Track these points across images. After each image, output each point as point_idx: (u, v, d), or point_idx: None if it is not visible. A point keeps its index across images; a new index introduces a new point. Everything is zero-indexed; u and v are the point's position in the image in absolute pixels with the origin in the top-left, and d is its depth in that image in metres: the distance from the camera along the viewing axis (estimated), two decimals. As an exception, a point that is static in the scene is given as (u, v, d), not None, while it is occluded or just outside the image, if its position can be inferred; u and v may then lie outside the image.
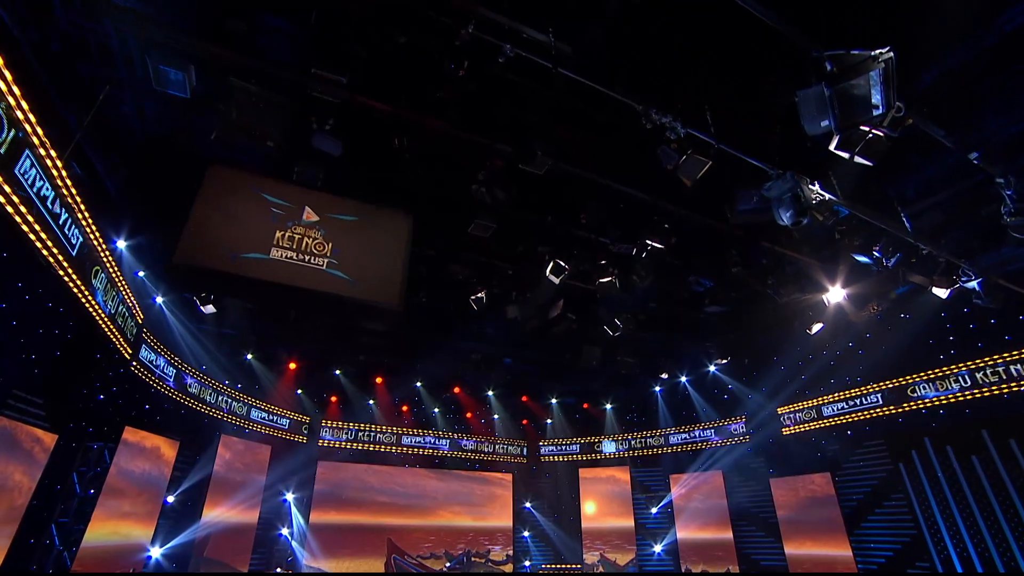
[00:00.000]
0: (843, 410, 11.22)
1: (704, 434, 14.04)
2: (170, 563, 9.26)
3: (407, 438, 14.66)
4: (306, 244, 2.92)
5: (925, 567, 9.45)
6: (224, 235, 2.68)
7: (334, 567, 12.39)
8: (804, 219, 4.81)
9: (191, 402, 10.02)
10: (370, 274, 3.02)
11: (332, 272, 2.93)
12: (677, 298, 10.54)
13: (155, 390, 9.00)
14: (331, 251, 2.98)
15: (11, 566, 6.73)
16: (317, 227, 3.02)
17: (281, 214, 2.92)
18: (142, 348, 8.54)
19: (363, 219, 3.17)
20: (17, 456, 6.04)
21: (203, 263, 2.58)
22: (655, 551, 13.74)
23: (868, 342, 11.20)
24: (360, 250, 3.05)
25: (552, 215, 7.87)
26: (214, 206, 2.73)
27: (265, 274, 2.75)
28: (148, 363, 8.62)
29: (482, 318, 10.74)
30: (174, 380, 9.53)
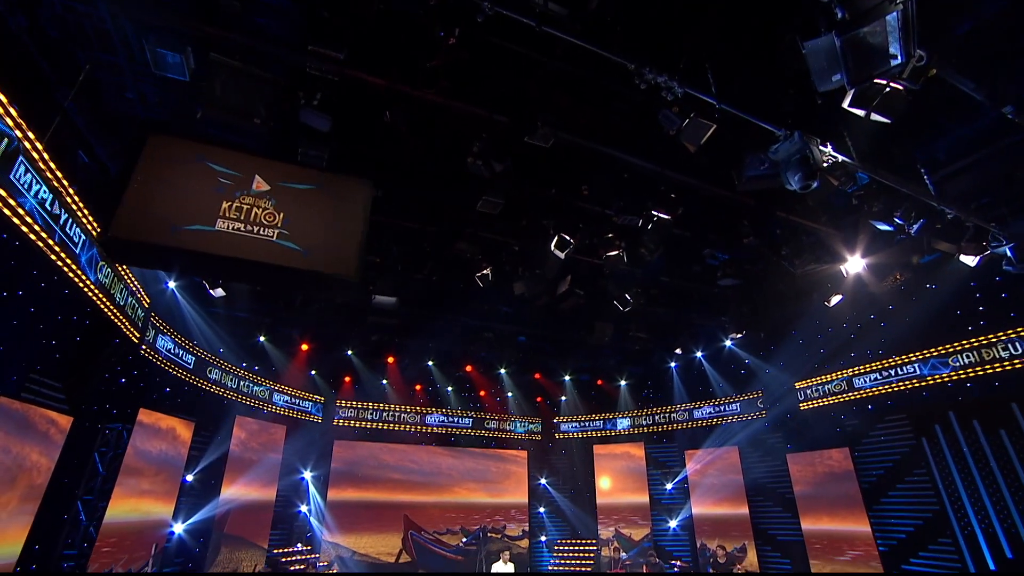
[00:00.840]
0: (864, 384, 10.89)
1: (719, 409, 13.83)
2: (192, 538, 9.56)
3: (421, 416, 14.80)
4: (255, 215, 2.79)
5: (947, 543, 9.21)
6: (165, 207, 2.57)
7: (352, 543, 12.68)
8: (814, 183, 4.51)
9: (205, 384, 10.20)
10: (324, 244, 2.88)
11: (282, 243, 2.80)
12: (689, 272, 10.26)
13: (168, 373, 9.17)
14: (282, 221, 2.84)
15: (39, 539, 7.06)
16: (268, 197, 2.89)
17: (229, 184, 2.80)
18: (155, 335, 8.69)
19: (318, 187, 3.03)
20: (33, 438, 6.19)
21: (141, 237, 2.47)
22: (670, 526, 13.72)
23: (891, 314, 10.77)
24: (314, 220, 2.91)
25: (555, 188, 7.65)
26: (154, 177, 2.62)
27: (209, 247, 2.64)
28: (158, 347, 8.76)
29: (494, 296, 10.65)
30: (186, 363, 9.69)
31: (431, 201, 8.50)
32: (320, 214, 2.93)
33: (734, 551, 12.17)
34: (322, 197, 3.01)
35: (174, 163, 2.70)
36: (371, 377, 14.13)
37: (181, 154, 2.78)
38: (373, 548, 12.89)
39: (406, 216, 8.63)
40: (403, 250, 8.94)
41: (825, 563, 10.53)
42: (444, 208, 8.59)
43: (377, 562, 12.77)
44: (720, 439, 13.36)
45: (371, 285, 10.28)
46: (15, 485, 5.99)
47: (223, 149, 2.93)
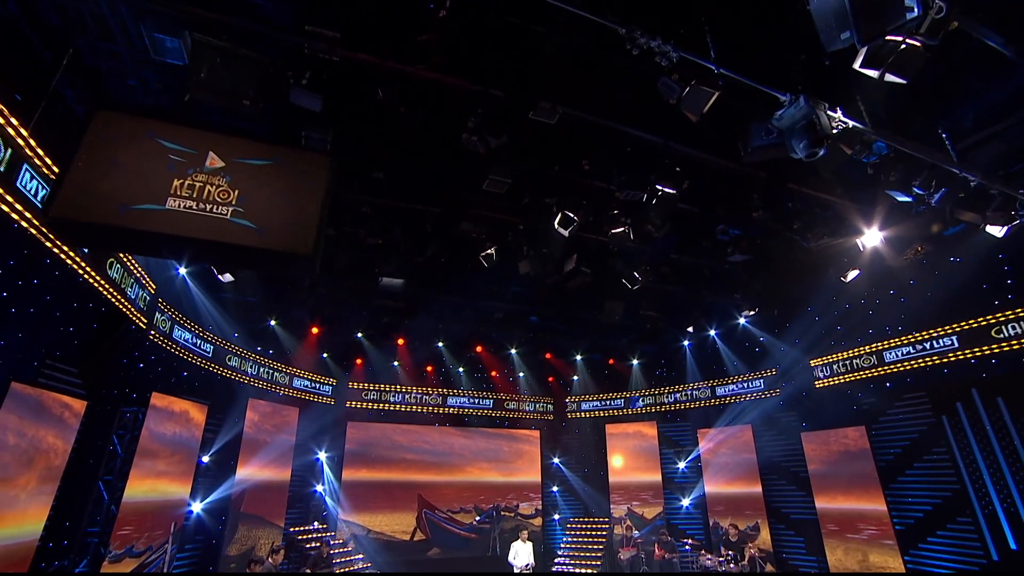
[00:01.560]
0: (882, 361, 10.58)
1: (733, 388, 13.65)
2: (211, 517, 9.84)
3: (433, 397, 14.91)
4: (208, 192, 2.71)
5: (967, 522, 8.99)
6: (112, 186, 2.50)
7: (367, 521, 12.94)
8: (820, 150, 4.26)
9: (217, 368, 10.37)
10: (280, 222, 2.78)
11: (237, 221, 2.71)
12: (700, 248, 10.00)
13: (179, 358, 9.33)
14: (237, 199, 2.75)
15: (63, 516, 7.33)
16: (222, 173, 2.79)
17: (181, 161, 2.71)
18: (163, 320, 8.83)
19: (276, 163, 2.93)
20: (48, 421, 6.35)
21: (86, 217, 2.41)
22: (683, 505, 13.69)
23: (912, 289, 10.39)
24: (270, 197, 2.81)
25: (557, 164, 7.47)
26: (101, 155, 2.54)
27: (159, 226, 2.56)
28: (166, 332, 8.91)
29: (503, 276, 10.55)
30: (197, 347, 9.84)
31: (433, 181, 8.39)
32: (277, 190, 2.84)
33: (747, 529, 12.10)
34: (280, 173, 2.91)
35: (122, 140, 2.62)
36: (382, 359, 14.25)
37: (129, 131, 2.70)
38: (388, 526, 13.14)
39: (408, 197, 8.55)
40: (406, 232, 8.87)
41: (839, 542, 10.40)
42: (446, 188, 8.48)
43: (392, 539, 13.03)
44: (733, 418, 13.21)
45: (376, 268, 10.30)
46: (33, 467, 6.17)
47: (175, 126, 2.85)
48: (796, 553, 11.71)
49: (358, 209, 8.71)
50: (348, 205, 8.58)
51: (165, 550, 8.41)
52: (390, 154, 7.80)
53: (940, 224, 8.14)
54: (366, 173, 8.07)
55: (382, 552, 12.48)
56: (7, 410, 5.70)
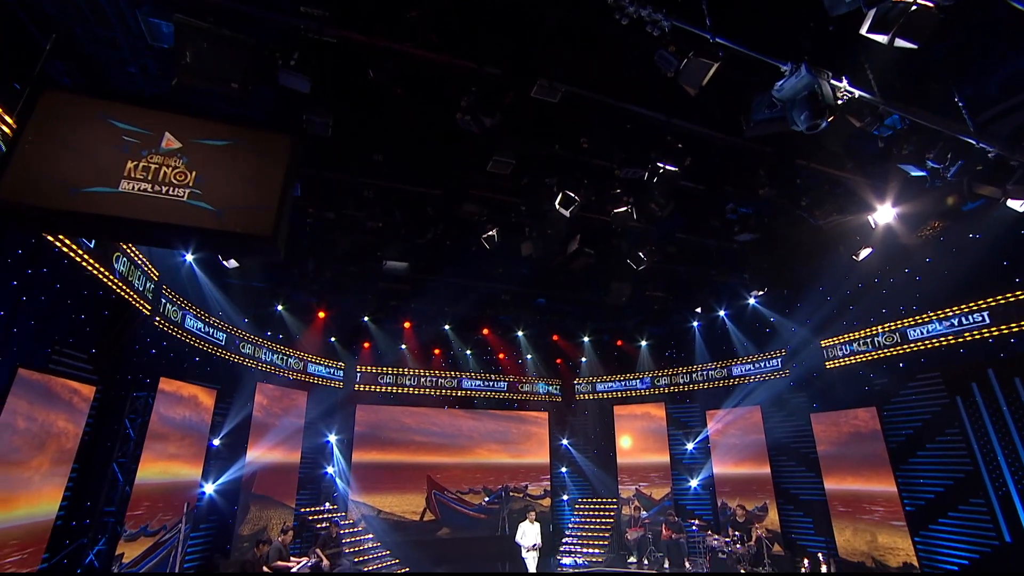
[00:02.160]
0: (895, 341, 10.34)
1: (742, 369, 13.51)
2: (223, 498, 10.06)
3: (440, 380, 15.00)
4: (164, 174, 2.64)
5: (979, 503, 8.84)
6: (61, 168, 2.45)
7: (377, 502, 13.16)
8: (822, 121, 4.07)
9: (224, 353, 10.51)
10: (239, 203, 2.71)
11: (194, 203, 2.65)
12: (708, 227, 9.78)
13: (186, 343, 9.46)
14: (194, 180, 2.68)
15: (81, 497, 7.57)
16: (178, 155, 2.72)
17: (134, 142, 2.65)
18: (168, 306, 8.94)
19: (235, 144, 2.85)
20: (57, 406, 6.48)
21: (35, 200, 2.36)
22: (691, 485, 13.69)
23: (927, 267, 10.10)
24: (229, 178, 2.74)
25: (556, 143, 7.30)
26: (50, 136, 2.48)
27: (112, 209, 2.51)
28: (172, 318, 9.02)
29: (510, 258, 10.45)
30: (205, 333, 9.96)
31: (433, 163, 8.28)
32: (237, 172, 2.76)
33: (755, 510, 12.07)
34: (239, 153, 2.84)
35: (72, 121, 2.56)
36: (389, 342, 14.33)
37: (80, 111, 2.64)
38: (398, 507, 13.36)
39: (409, 180, 8.46)
40: (407, 214, 8.79)
41: (848, 523, 10.33)
42: (447, 170, 8.37)
43: (402, 520, 13.25)
44: (742, 399, 13.10)
45: (379, 251, 10.27)
46: (45, 450, 6.31)
47: (129, 105, 2.77)
48: (804, 533, 11.67)
49: (360, 193, 8.65)
50: (349, 188, 8.54)
51: (179, 529, 8.63)
52: (389, 136, 7.71)
53: (957, 199, 7.85)
54: (365, 156, 8.00)
55: (392, 532, 12.70)
56: (16, 396, 5.82)
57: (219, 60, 4.74)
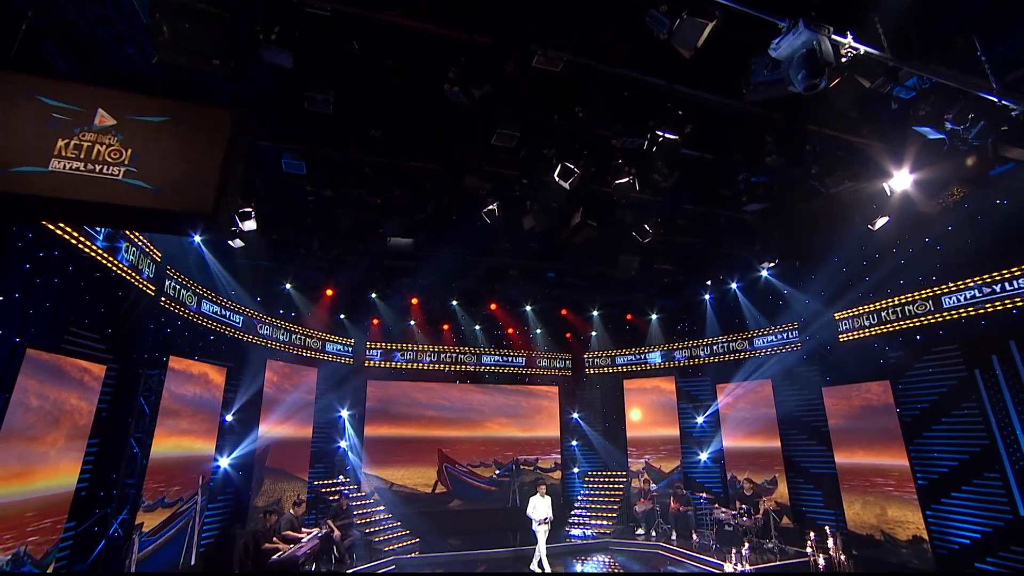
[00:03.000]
0: (912, 313, 10.01)
1: (753, 342, 13.30)
2: (237, 472, 10.38)
3: (450, 355, 15.11)
4: (97, 152, 2.58)
5: (994, 477, 8.64)
6: None
7: (389, 475, 13.45)
8: (821, 81, 3.81)
9: (234, 331, 10.68)
10: (177, 181, 2.63)
11: (130, 182, 2.58)
12: (717, 197, 9.48)
13: (195, 323, 9.63)
14: (130, 158, 2.61)
15: (103, 470, 7.86)
16: (113, 132, 2.65)
17: (65, 119, 2.57)
18: (179, 290, 9.08)
19: (173, 119, 2.76)
20: (68, 385, 6.67)
21: None
22: (700, 459, 13.68)
23: (949, 235, 9.68)
24: (166, 155, 2.66)
25: (556, 113, 7.07)
26: None
27: (43, 189, 2.46)
28: (180, 300, 9.17)
29: (516, 232, 10.31)
30: (213, 312, 10.13)
31: (430, 137, 8.12)
32: (174, 148, 2.69)
33: (764, 483, 12.03)
34: (177, 129, 2.75)
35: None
36: (398, 318, 14.44)
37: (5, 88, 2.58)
38: (410, 480, 13.65)
39: (406, 154, 8.33)
40: (407, 190, 8.69)
41: (858, 496, 10.22)
42: (445, 144, 8.20)
43: (414, 492, 13.55)
44: (753, 372, 12.93)
45: (381, 228, 10.22)
46: (59, 426, 6.53)
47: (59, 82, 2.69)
48: (814, 506, 11.61)
49: (361, 169, 8.57)
50: (348, 165, 8.45)
51: (195, 501, 8.95)
52: (384, 111, 7.56)
53: (980, 163, 7.43)
54: (363, 132, 7.87)
55: (404, 504, 13.01)
56: (26, 375, 5.98)
57: (197, 36, 4.63)
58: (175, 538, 8.54)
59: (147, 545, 8.02)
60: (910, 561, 9.23)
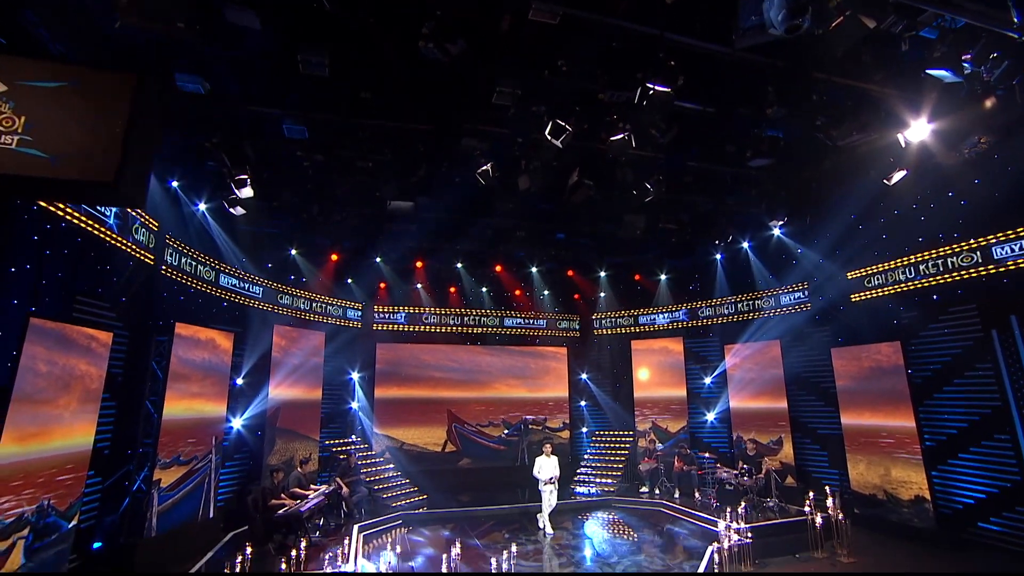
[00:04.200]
0: (930, 272, 9.59)
1: (763, 302, 13.02)
2: (250, 432, 10.81)
3: (458, 318, 15.22)
4: None
5: (1004, 439, 8.43)
6: None
7: (400, 435, 13.86)
8: (803, 20, 3.49)
9: (240, 298, 10.89)
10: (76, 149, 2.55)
11: (24, 151, 2.51)
12: (722, 154, 9.08)
13: (200, 290, 9.84)
14: (23, 126, 2.54)
15: (123, 431, 8.34)
16: (3, 98, 2.57)
17: None
18: (179, 258, 9.24)
19: (70, 85, 2.66)
20: (75, 351, 6.91)
21: None
22: (707, 419, 13.70)
23: (977, 189, 9.11)
24: (63, 122, 2.57)
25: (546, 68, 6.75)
26: None
27: None
28: (182, 267, 9.34)
29: (518, 193, 10.12)
30: (215, 279, 10.31)
31: (420, 98, 7.88)
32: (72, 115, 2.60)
33: (770, 443, 12.01)
34: (74, 96, 2.65)
35: None
36: (404, 282, 14.53)
37: None
38: (420, 439, 14.04)
39: (397, 117, 8.13)
40: (397, 153, 8.53)
41: (863, 456, 10.13)
42: (436, 104, 7.97)
43: (424, 451, 13.96)
44: (762, 332, 12.71)
45: (377, 191, 10.14)
46: (70, 390, 6.81)
47: None
48: (819, 466, 11.59)
49: (354, 133, 8.43)
50: (340, 129, 8.32)
51: (210, 459, 9.38)
52: (373, 73, 7.35)
53: (1005, 109, 6.89)
54: (352, 94, 7.69)
55: (415, 462, 13.43)
56: (32, 343, 6.20)
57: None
58: (192, 493, 9.00)
59: (166, 499, 8.48)
60: (911, 520, 9.19)
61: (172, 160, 9.11)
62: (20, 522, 6.09)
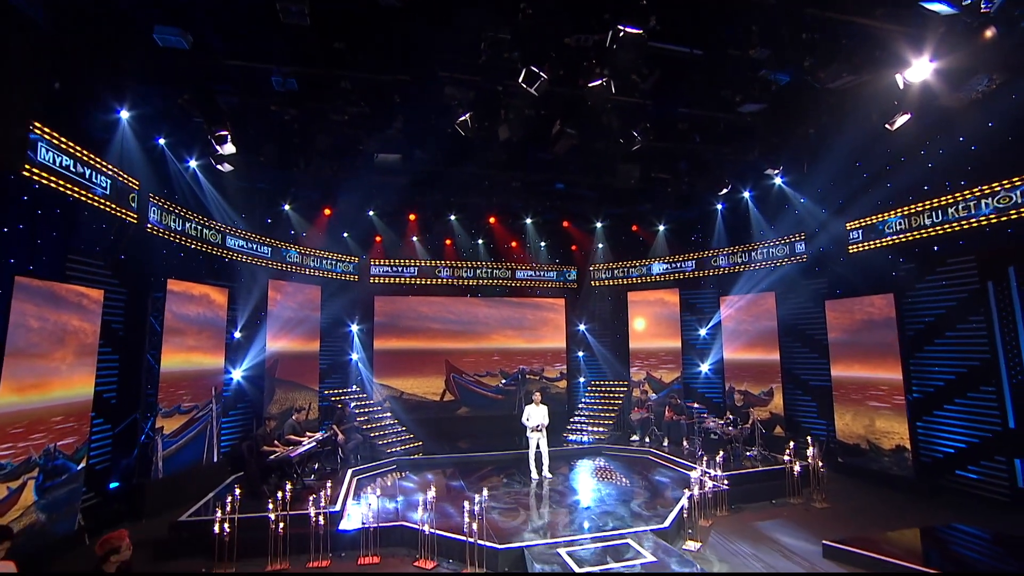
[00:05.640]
0: (933, 222, 9.22)
1: (760, 253, 12.78)
2: (250, 383, 11.24)
3: (454, 270, 15.29)
4: None
5: (989, 391, 8.37)
6: None
7: (399, 384, 14.28)
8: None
9: (231, 254, 11.03)
10: None
11: None
12: (716, 99, 8.64)
13: (189, 248, 9.98)
14: None
15: (125, 380, 8.80)
16: None
17: None
18: (161, 214, 9.32)
19: None
20: (67, 308, 7.14)
21: None
22: (701, 370, 13.81)
23: (988, 132, 8.58)
24: None
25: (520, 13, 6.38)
26: None
27: None
28: (167, 224, 9.43)
29: (518, 144, 9.84)
30: (201, 235, 10.42)
31: (397, 49, 7.58)
32: None
33: (761, 394, 12.12)
34: None
35: None
36: (400, 235, 14.54)
37: None
38: (419, 389, 14.47)
39: (373, 68, 7.86)
40: (373, 104, 8.31)
41: (849, 407, 10.20)
42: (413, 54, 7.66)
43: (424, 400, 14.41)
44: (757, 284, 12.56)
45: (360, 144, 9.98)
46: (65, 344, 7.10)
47: None
48: (808, 416, 11.71)
49: (331, 86, 8.20)
50: (317, 82, 8.09)
51: (210, 408, 9.84)
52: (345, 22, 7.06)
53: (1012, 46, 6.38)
54: (327, 45, 7.42)
55: (413, 411, 13.90)
56: (20, 301, 6.42)
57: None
58: (195, 439, 9.51)
59: (170, 445, 8.98)
60: (891, 468, 9.33)
61: (158, 117, 9.02)
62: (28, 464, 6.55)
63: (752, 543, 6.92)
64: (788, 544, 6.88)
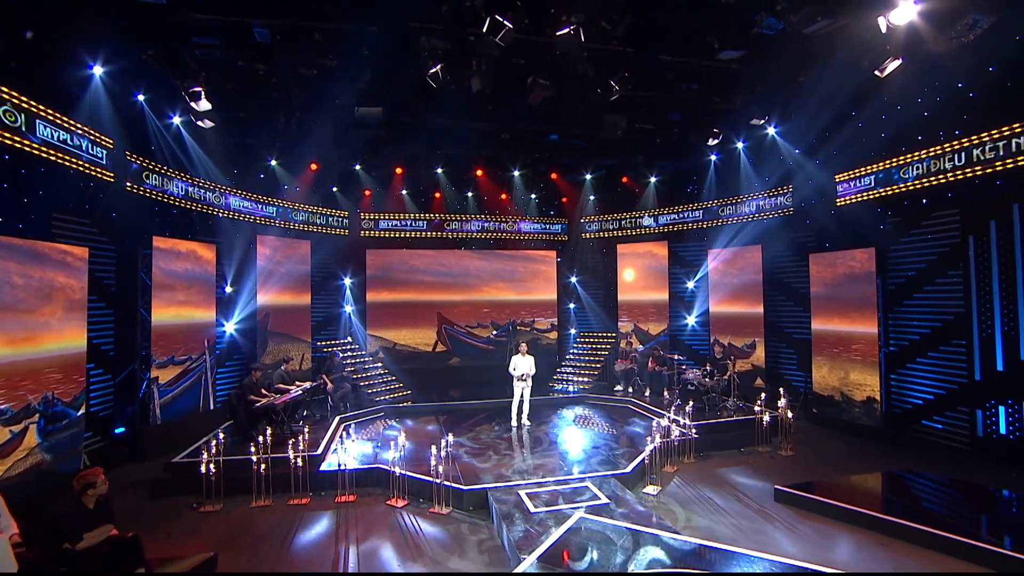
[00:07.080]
0: (920, 174, 9.00)
1: (748, 207, 12.60)
2: (243, 336, 11.63)
3: (444, 222, 15.33)
4: None
5: (960, 344, 8.43)
6: None
7: (392, 336, 14.66)
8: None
9: (215, 210, 11.14)
10: None
11: None
12: (701, 45, 8.29)
13: (173, 205, 10.10)
14: None
15: (121, 334, 9.19)
16: None
17: None
18: (143, 172, 9.37)
19: None
20: (52, 266, 7.37)
21: None
22: (687, 323, 13.95)
23: (988, 77, 8.20)
24: None
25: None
26: None
27: None
28: (150, 183, 9.52)
29: (506, 95, 9.60)
30: (186, 191, 10.51)
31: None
32: None
33: (744, 347, 12.28)
34: None
35: None
36: (389, 188, 14.50)
37: None
38: (411, 340, 14.85)
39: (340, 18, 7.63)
40: (344, 61, 8.11)
41: (827, 360, 10.34)
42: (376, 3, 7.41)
43: (416, 351, 14.82)
44: (744, 236, 12.47)
45: (336, 99, 9.82)
46: (52, 300, 7.39)
47: None
48: (788, 368, 11.91)
49: (310, 36, 7.99)
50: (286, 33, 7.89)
51: (204, 360, 10.27)
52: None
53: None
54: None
55: (406, 361, 14.33)
56: (2, 259, 6.67)
57: None
58: (191, 389, 9.99)
59: (166, 394, 9.46)
60: (860, 419, 9.56)
61: (135, 74, 8.90)
62: (28, 410, 7.00)
63: (712, 487, 7.26)
64: (745, 488, 7.21)
